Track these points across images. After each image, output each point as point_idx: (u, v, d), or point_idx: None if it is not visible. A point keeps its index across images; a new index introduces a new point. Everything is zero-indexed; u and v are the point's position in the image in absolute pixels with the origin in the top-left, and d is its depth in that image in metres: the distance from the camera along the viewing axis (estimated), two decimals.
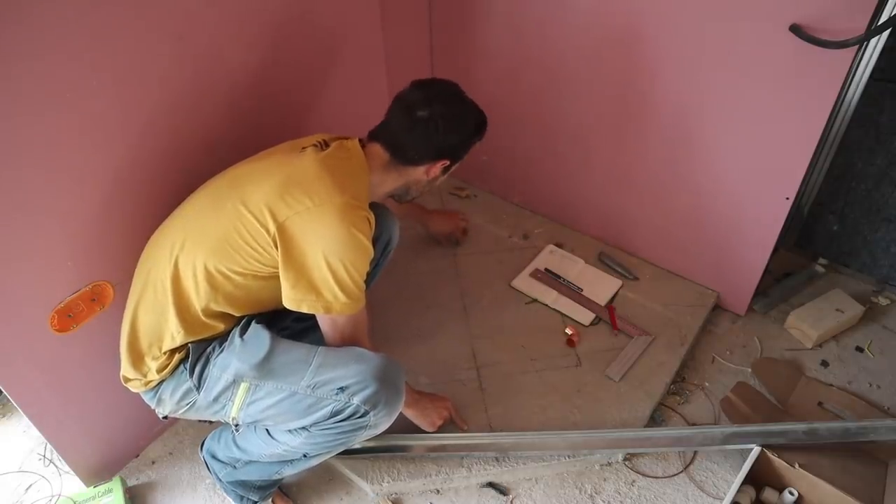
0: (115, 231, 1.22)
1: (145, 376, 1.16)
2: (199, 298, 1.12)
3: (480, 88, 1.96)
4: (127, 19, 1.10)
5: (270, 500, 1.38)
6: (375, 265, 1.48)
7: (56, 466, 1.50)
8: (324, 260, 1.08)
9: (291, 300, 1.11)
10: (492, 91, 1.95)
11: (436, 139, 1.21)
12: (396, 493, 1.43)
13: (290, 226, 1.08)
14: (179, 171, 1.28)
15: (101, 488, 1.40)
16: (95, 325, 1.26)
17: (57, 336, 1.21)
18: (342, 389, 1.11)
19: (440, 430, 1.42)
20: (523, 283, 1.87)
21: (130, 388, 1.19)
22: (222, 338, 1.17)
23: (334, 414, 1.12)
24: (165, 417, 1.22)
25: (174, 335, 1.13)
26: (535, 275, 1.89)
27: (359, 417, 1.12)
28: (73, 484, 1.44)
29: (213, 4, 1.23)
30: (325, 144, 1.19)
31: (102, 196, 1.18)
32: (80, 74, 1.06)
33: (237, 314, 1.18)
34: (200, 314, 1.13)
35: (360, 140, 1.26)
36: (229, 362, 1.13)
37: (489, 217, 2.10)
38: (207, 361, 1.14)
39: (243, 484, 1.32)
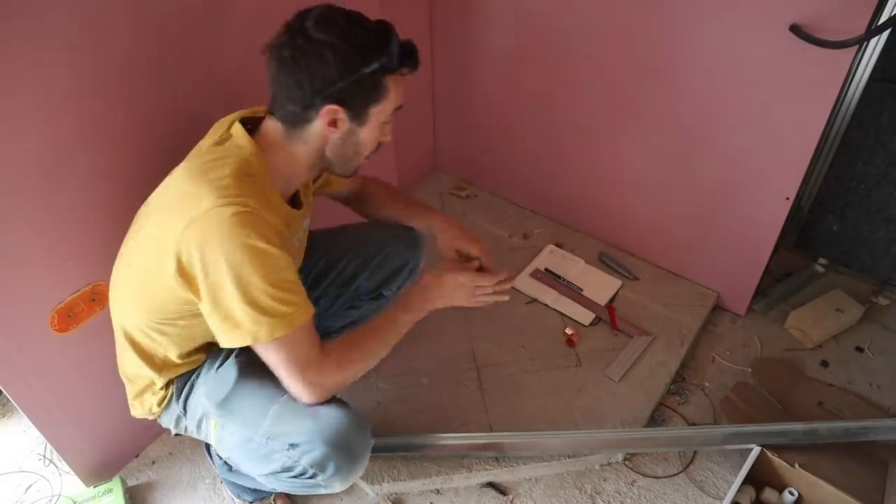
0: (115, 231, 1.22)
1: (150, 410, 1.16)
2: (161, 348, 1.07)
3: (480, 88, 1.98)
4: (127, 20, 1.10)
5: (271, 498, 1.38)
6: (395, 288, 1.45)
7: (56, 466, 1.50)
8: (223, 281, 0.91)
9: (220, 340, 0.97)
10: (492, 91, 1.95)
11: (305, 80, 0.93)
12: (396, 493, 1.43)
13: (184, 253, 0.92)
14: None
15: (101, 488, 1.40)
16: (95, 325, 1.26)
17: (57, 336, 1.21)
18: (293, 446, 1.02)
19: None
20: (523, 283, 1.87)
21: (146, 418, 1.18)
22: (210, 360, 1.14)
23: (285, 469, 1.04)
24: (178, 434, 1.22)
25: (156, 380, 1.11)
26: (535, 275, 1.89)
27: (308, 478, 1.04)
28: (73, 484, 1.44)
29: (212, 5, 1.23)
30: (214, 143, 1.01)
31: (102, 196, 1.18)
32: (80, 75, 1.06)
33: (211, 344, 1.12)
34: (173, 359, 1.09)
35: (253, 118, 1.05)
36: (200, 395, 1.10)
37: (489, 217, 2.10)
38: (193, 388, 1.12)
39: (237, 484, 1.32)
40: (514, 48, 1.81)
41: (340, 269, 1.38)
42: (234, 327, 0.94)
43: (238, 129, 1.01)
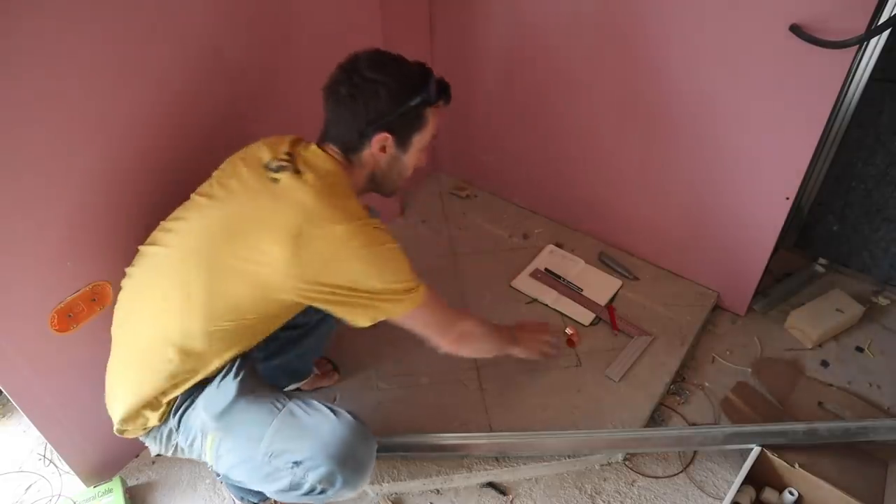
0: (115, 231, 1.22)
1: (144, 426, 1.12)
2: (206, 344, 1.07)
3: (480, 88, 1.98)
4: (127, 20, 1.10)
5: (272, 501, 1.38)
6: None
7: (56, 466, 1.50)
8: (370, 288, 1.04)
9: (359, 323, 1.10)
10: (492, 91, 1.95)
11: (361, 112, 1.09)
12: (396, 493, 1.43)
13: (321, 278, 1.02)
14: (180, 171, 1.28)
15: (101, 488, 1.40)
16: (95, 325, 1.25)
17: (57, 336, 1.21)
18: (297, 464, 1.02)
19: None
20: (523, 283, 1.87)
21: (125, 437, 1.14)
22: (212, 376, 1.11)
23: (293, 487, 1.04)
24: (158, 455, 1.19)
25: (167, 392, 1.08)
26: (535, 275, 1.89)
27: (318, 494, 1.04)
28: (73, 484, 1.44)
29: (211, 6, 1.23)
30: (290, 162, 1.08)
31: (102, 196, 1.18)
32: (80, 75, 1.06)
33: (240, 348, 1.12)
34: (214, 361, 1.09)
35: (317, 142, 1.16)
36: (198, 408, 1.08)
37: (489, 217, 2.10)
38: (192, 404, 1.09)
39: (240, 487, 1.32)
40: (514, 48, 1.81)
41: None
42: (397, 302, 1.08)
43: (320, 153, 1.12)
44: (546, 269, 1.90)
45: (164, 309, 1.06)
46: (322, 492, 1.03)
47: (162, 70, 1.19)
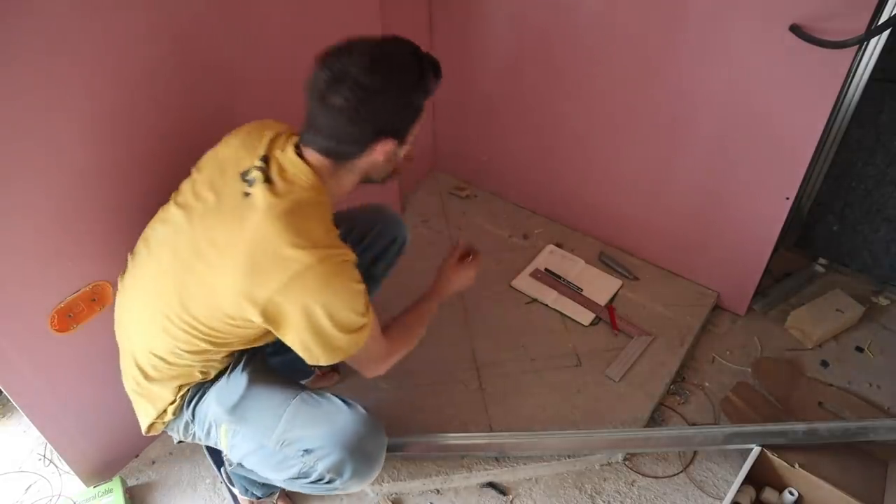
0: (115, 231, 1.22)
1: (164, 421, 1.14)
2: (194, 361, 1.08)
3: (480, 88, 1.98)
4: (126, 20, 1.09)
5: (275, 497, 1.38)
6: (389, 265, 1.46)
7: (56, 466, 1.50)
8: (323, 323, 0.97)
9: (309, 360, 1.03)
10: (492, 91, 1.95)
11: (361, 124, 0.98)
12: (396, 493, 1.43)
13: (274, 306, 0.96)
14: (179, 170, 1.28)
15: (101, 488, 1.40)
16: (95, 325, 1.25)
17: (57, 336, 1.21)
18: (308, 452, 1.03)
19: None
20: (523, 283, 1.87)
21: (153, 433, 1.17)
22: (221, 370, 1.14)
23: (302, 475, 1.05)
24: (181, 441, 1.21)
25: (179, 388, 1.11)
26: (535, 275, 1.89)
27: (326, 483, 1.05)
28: (73, 484, 1.44)
29: (212, 5, 1.23)
30: (263, 170, 1.00)
31: (102, 196, 1.18)
32: (80, 75, 1.06)
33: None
34: (210, 362, 1.10)
35: (296, 142, 1.05)
36: (210, 401, 1.10)
37: (489, 217, 2.10)
38: (203, 396, 1.11)
39: (248, 480, 1.32)
40: (514, 48, 1.81)
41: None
42: (334, 351, 1.01)
43: (298, 163, 1.01)
44: (546, 269, 1.90)
45: (145, 320, 1.07)
46: (330, 481, 1.04)
47: (162, 70, 1.19)
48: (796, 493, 1.34)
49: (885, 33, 1.47)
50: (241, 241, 0.96)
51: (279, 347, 1.34)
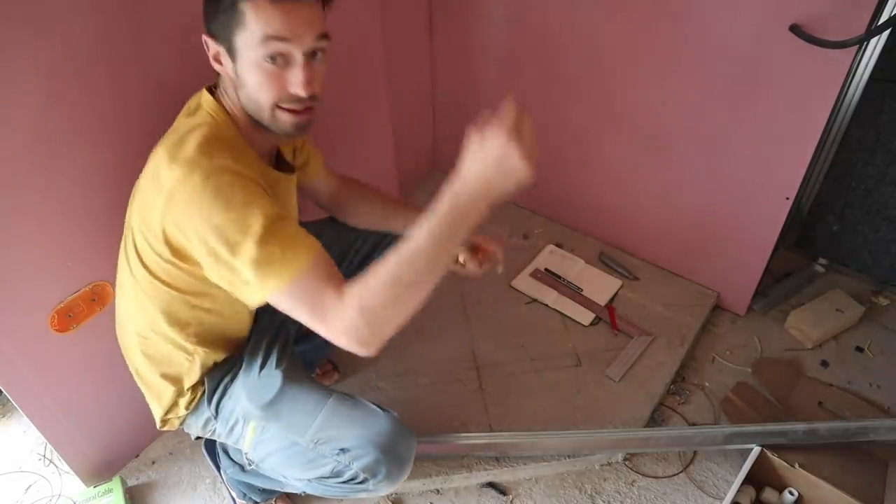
0: (115, 231, 1.22)
1: (178, 415, 1.15)
2: (185, 342, 1.06)
3: (480, 88, 1.98)
4: (128, 19, 1.10)
5: (273, 501, 1.38)
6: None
7: (56, 466, 1.50)
8: (209, 239, 0.86)
9: (243, 299, 0.91)
10: (492, 91, 1.95)
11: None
12: (396, 493, 1.43)
13: (171, 235, 0.90)
14: None
15: (101, 488, 1.40)
16: (95, 325, 1.26)
17: (57, 336, 1.21)
18: (343, 451, 1.03)
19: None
20: (523, 283, 1.87)
21: (168, 428, 1.17)
22: (238, 364, 1.13)
23: (334, 474, 1.05)
24: (198, 438, 1.21)
25: (185, 381, 1.10)
26: (535, 275, 1.89)
27: (358, 483, 1.05)
28: (73, 484, 1.44)
29: None
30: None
31: (102, 196, 1.18)
32: (79, 75, 1.06)
33: (234, 334, 1.13)
34: (200, 351, 1.08)
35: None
36: (240, 397, 1.09)
37: (489, 217, 2.10)
38: (225, 391, 1.11)
39: (247, 485, 1.32)
40: (514, 48, 1.81)
41: (350, 259, 1.35)
42: (244, 284, 0.87)
43: (206, 96, 0.98)
44: (546, 269, 1.90)
45: (123, 299, 1.08)
46: (363, 481, 1.04)
47: (163, 70, 1.19)
48: (796, 493, 1.34)
49: (885, 33, 1.47)
50: (143, 177, 0.96)
51: (298, 338, 1.35)
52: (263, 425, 1.08)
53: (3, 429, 1.61)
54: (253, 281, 0.86)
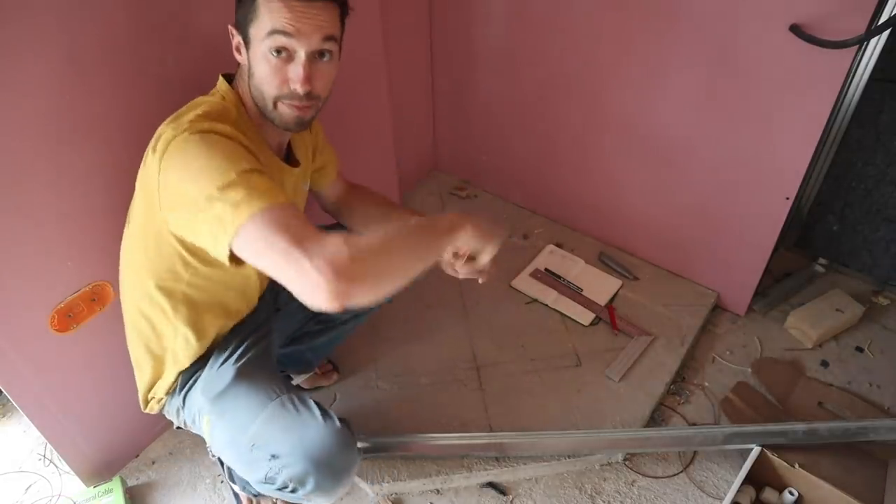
0: (115, 231, 1.22)
1: (158, 399, 1.15)
2: (170, 319, 1.06)
3: (480, 88, 1.98)
4: (129, 18, 1.10)
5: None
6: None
7: (56, 466, 1.50)
8: (187, 182, 0.86)
9: (211, 245, 0.87)
10: (492, 91, 1.96)
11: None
12: (396, 493, 1.43)
13: (161, 183, 0.90)
14: None
15: (101, 488, 1.40)
16: (95, 325, 1.26)
17: (57, 336, 1.21)
18: (274, 457, 0.99)
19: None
20: (523, 283, 1.87)
21: (149, 412, 1.18)
22: (216, 355, 1.12)
23: (269, 480, 1.01)
24: (179, 428, 1.21)
25: (167, 363, 1.11)
26: (535, 275, 1.89)
27: (290, 492, 1.00)
28: (73, 484, 1.44)
29: (213, 4, 1.23)
30: None
31: (102, 196, 1.18)
32: (80, 75, 1.06)
33: (219, 321, 1.12)
34: (184, 331, 1.08)
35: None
36: (198, 390, 1.09)
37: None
38: (196, 382, 1.11)
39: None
40: (514, 48, 1.81)
41: None
42: (218, 222, 0.83)
43: (221, 81, 1.02)
44: (546, 269, 1.90)
45: (125, 278, 1.09)
46: (293, 490, 1.01)
47: (163, 69, 1.19)
48: (796, 493, 1.34)
49: (885, 33, 1.47)
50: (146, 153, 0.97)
51: (293, 339, 1.34)
52: (213, 420, 1.07)
53: (3, 429, 1.61)
54: (227, 213, 0.82)
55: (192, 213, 0.87)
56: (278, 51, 0.92)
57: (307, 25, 0.91)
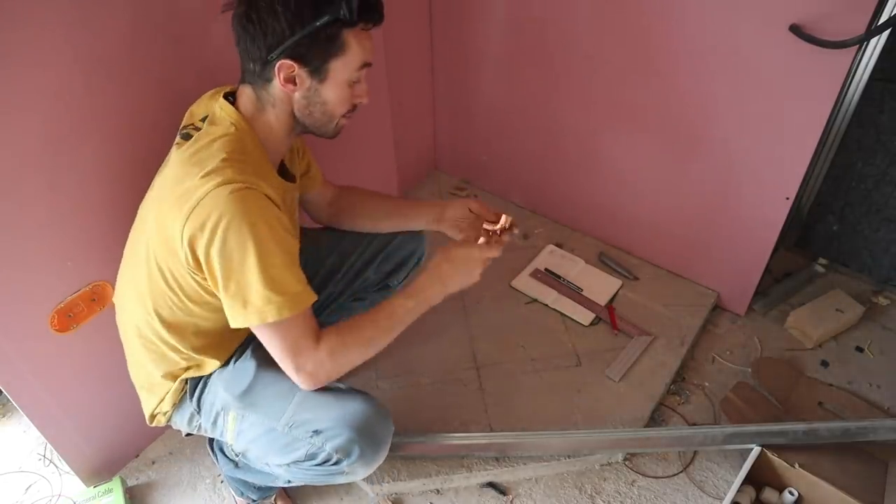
0: (115, 231, 1.22)
1: (165, 413, 1.16)
2: (176, 342, 1.07)
3: (480, 88, 1.98)
4: (130, 18, 1.10)
5: (272, 499, 1.38)
6: (404, 278, 1.45)
7: (56, 466, 1.50)
8: (235, 262, 0.92)
9: (231, 320, 0.97)
10: (492, 91, 1.95)
11: (261, 37, 0.94)
12: (396, 493, 1.43)
13: (191, 245, 0.93)
14: None
15: (101, 488, 1.40)
16: (95, 325, 1.26)
17: (57, 336, 1.21)
18: (317, 433, 1.03)
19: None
20: (523, 283, 1.87)
21: (156, 424, 1.18)
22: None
23: (309, 457, 1.05)
24: (189, 434, 1.22)
25: (172, 379, 1.12)
26: (535, 275, 1.89)
27: (332, 464, 1.04)
28: (73, 484, 1.44)
29: (214, 5, 1.23)
30: (197, 128, 1.02)
31: (102, 196, 1.18)
32: (80, 75, 1.06)
33: (229, 343, 1.13)
34: (192, 353, 1.09)
35: (229, 90, 1.06)
36: (217, 390, 1.10)
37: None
38: (205, 386, 1.12)
39: (243, 482, 1.32)
40: (514, 48, 1.81)
41: (350, 263, 1.37)
42: (244, 306, 0.94)
43: (225, 105, 1.02)
44: (546, 269, 1.90)
45: (129, 300, 1.09)
46: (337, 462, 1.04)
47: (163, 69, 1.19)
48: (796, 493, 1.34)
49: (885, 33, 1.47)
50: (158, 191, 1.01)
51: None
52: (242, 414, 1.09)
53: (3, 429, 1.61)
54: (252, 309, 0.94)
55: (223, 284, 0.94)
56: (359, 78, 1.01)
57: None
